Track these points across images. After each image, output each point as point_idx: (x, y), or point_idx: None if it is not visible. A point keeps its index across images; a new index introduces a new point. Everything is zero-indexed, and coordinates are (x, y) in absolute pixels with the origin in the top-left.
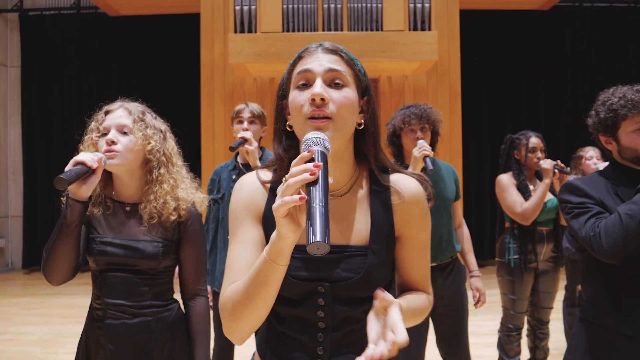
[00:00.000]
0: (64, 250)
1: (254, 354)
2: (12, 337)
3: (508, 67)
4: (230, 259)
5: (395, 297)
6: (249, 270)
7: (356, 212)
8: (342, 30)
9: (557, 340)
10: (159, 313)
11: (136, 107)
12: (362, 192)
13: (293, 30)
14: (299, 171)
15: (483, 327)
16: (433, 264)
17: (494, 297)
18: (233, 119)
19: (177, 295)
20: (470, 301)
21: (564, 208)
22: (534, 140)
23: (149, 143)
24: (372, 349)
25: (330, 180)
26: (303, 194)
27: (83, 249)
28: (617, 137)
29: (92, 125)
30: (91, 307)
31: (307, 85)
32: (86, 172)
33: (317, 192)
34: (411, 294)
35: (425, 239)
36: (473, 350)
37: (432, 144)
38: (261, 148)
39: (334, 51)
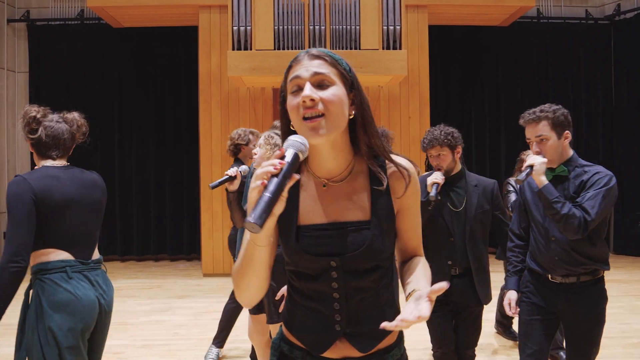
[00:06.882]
0: (235, 208)
1: (280, 326)
2: None
3: (473, 76)
4: (242, 238)
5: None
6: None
7: (357, 192)
8: (325, 48)
9: None
10: None
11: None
12: (362, 174)
13: (283, 48)
14: (267, 164)
15: None
16: None
17: None
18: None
19: None
20: None
21: None
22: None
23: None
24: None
25: (297, 177)
26: (265, 181)
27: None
28: (427, 156)
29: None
30: None
31: (299, 90)
32: (229, 179)
33: (272, 184)
34: (417, 268)
35: (418, 208)
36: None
37: None
38: None
39: (318, 56)
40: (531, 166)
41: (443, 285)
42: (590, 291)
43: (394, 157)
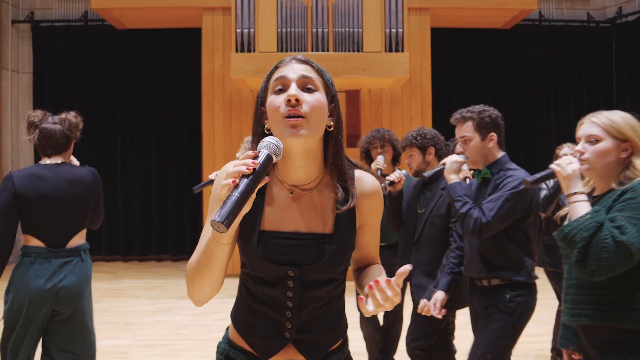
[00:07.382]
0: None
1: (228, 327)
2: None
3: (474, 78)
4: (202, 234)
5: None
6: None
7: (323, 204)
8: (328, 51)
9: None
10: None
11: None
12: (329, 187)
13: (286, 50)
14: (240, 163)
15: None
16: (383, 244)
17: None
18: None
19: None
20: None
21: None
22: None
23: None
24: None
25: (267, 179)
26: (237, 180)
27: None
28: None
29: None
30: None
31: (283, 90)
32: (211, 182)
33: (243, 184)
34: (375, 271)
35: (379, 223)
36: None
37: (396, 156)
38: None
39: (305, 62)
40: (444, 164)
41: (407, 268)
42: (501, 294)
43: (360, 173)
